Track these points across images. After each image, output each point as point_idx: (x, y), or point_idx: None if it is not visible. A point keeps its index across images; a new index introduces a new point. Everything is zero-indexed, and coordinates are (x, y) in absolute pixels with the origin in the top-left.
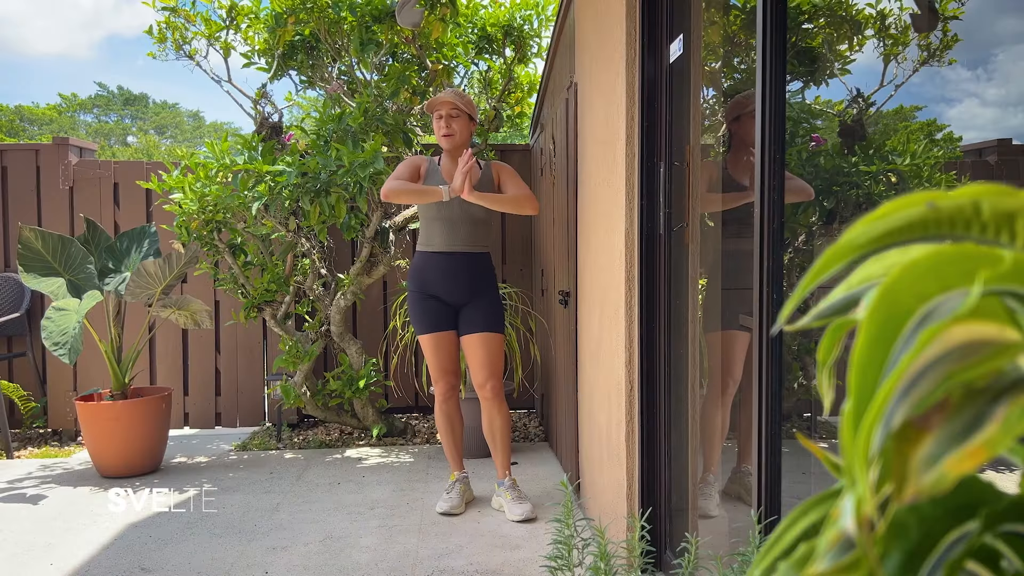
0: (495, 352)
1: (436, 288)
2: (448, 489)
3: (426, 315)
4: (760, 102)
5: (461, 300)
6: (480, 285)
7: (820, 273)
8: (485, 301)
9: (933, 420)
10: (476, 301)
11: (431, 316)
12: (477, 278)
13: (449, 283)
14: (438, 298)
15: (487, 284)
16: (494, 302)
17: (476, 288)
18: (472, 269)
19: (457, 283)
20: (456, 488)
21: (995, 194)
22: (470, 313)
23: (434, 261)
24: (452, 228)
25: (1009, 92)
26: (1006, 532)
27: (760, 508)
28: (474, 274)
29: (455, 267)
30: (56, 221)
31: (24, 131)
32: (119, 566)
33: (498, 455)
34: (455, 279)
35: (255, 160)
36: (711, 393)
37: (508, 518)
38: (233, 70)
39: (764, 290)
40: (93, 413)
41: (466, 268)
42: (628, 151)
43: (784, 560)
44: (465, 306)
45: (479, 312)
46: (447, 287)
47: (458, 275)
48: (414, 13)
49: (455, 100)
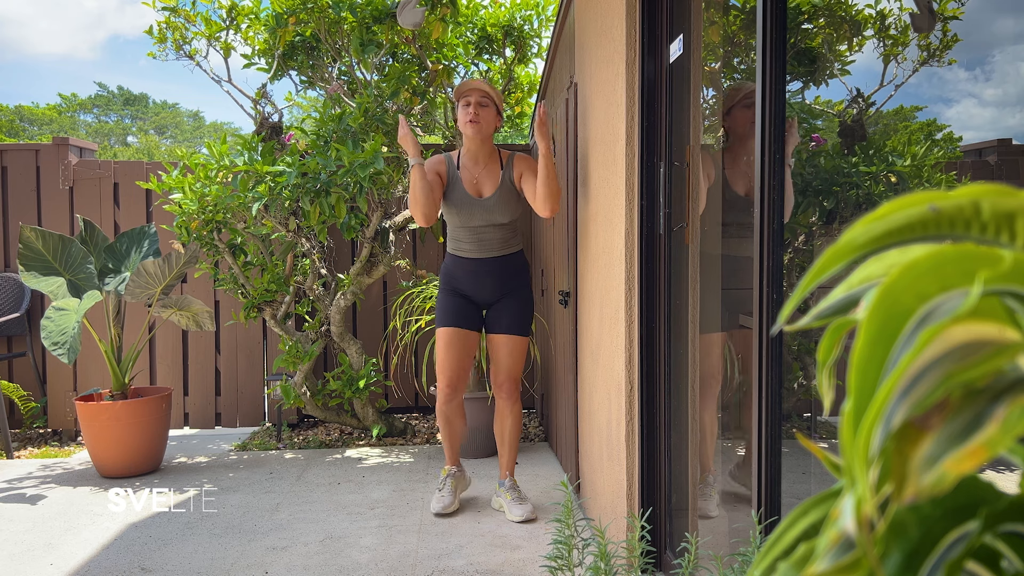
0: (517, 354)
1: (465, 288)
2: (440, 485)
3: (449, 310)
4: (760, 102)
5: (490, 299)
6: (511, 284)
7: (820, 273)
8: (515, 301)
9: (933, 420)
10: (506, 300)
11: (454, 312)
12: (508, 278)
13: (478, 284)
14: (467, 297)
15: (519, 283)
16: (524, 302)
17: (506, 288)
18: (504, 270)
19: (486, 285)
20: (447, 484)
21: (995, 194)
22: (498, 312)
23: (463, 265)
24: (479, 235)
25: (1008, 92)
26: (1006, 532)
27: (760, 508)
28: (506, 274)
29: (484, 272)
30: (56, 221)
31: (24, 131)
32: (119, 566)
33: (505, 455)
34: (484, 281)
35: (255, 161)
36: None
37: (508, 518)
38: (233, 70)
39: (764, 290)
40: (93, 413)
41: (497, 271)
42: (628, 151)
43: (784, 560)
44: (494, 304)
45: (507, 312)
46: (476, 288)
47: (487, 279)
48: (415, 13)
49: (487, 88)
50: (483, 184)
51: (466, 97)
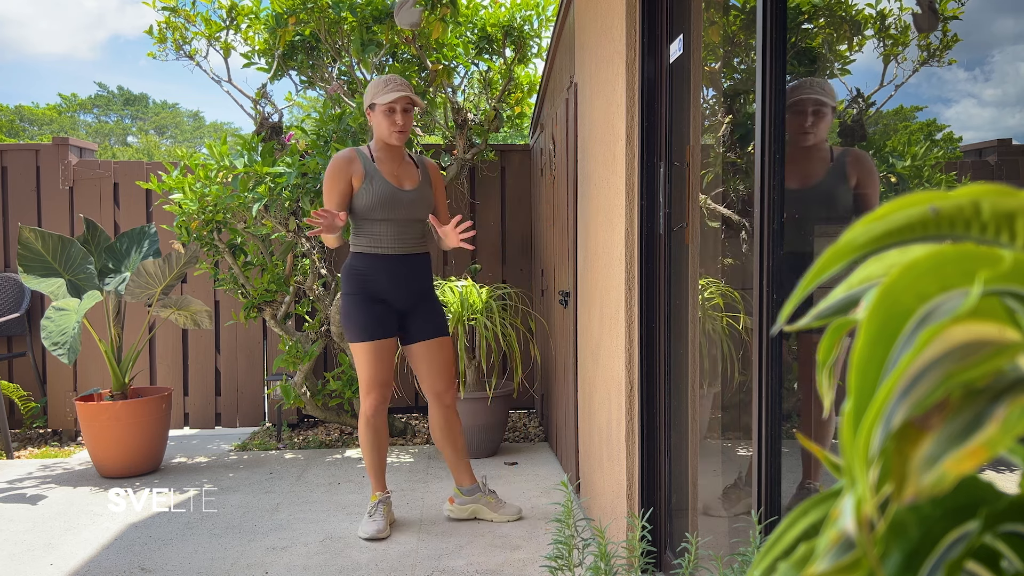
0: (449, 357)
1: (384, 292)
2: (371, 511)
3: (370, 321)
4: (760, 102)
5: (408, 305)
6: (426, 286)
7: (820, 273)
8: (432, 305)
9: (933, 420)
10: (424, 305)
11: (376, 322)
12: (424, 278)
13: (400, 287)
14: (385, 302)
15: (431, 287)
16: (439, 305)
17: (422, 289)
18: (421, 270)
19: (408, 287)
20: (379, 510)
21: (995, 194)
22: (419, 319)
23: (381, 264)
24: (400, 229)
25: (1008, 92)
26: (1006, 532)
27: (760, 508)
28: (422, 275)
29: (405, 270)
30: (56, 221)
31: (24, 131)
32: (119, 566)
33: (461, 461)
34: (405, 282)
35: (255, 161)
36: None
37: (496, 521)
38: (233, 70)
39: (764, 290)
40: (93, 413)
41: (416, 270)
42: (628, 151)
43: (784, 560)
44: (411, 312)
45: (428, 317)
46: (397, 291)
47: (408, 278)
48: (412, 13)
49: (411, 93)
50: (403, 178)
51: (392, 104)
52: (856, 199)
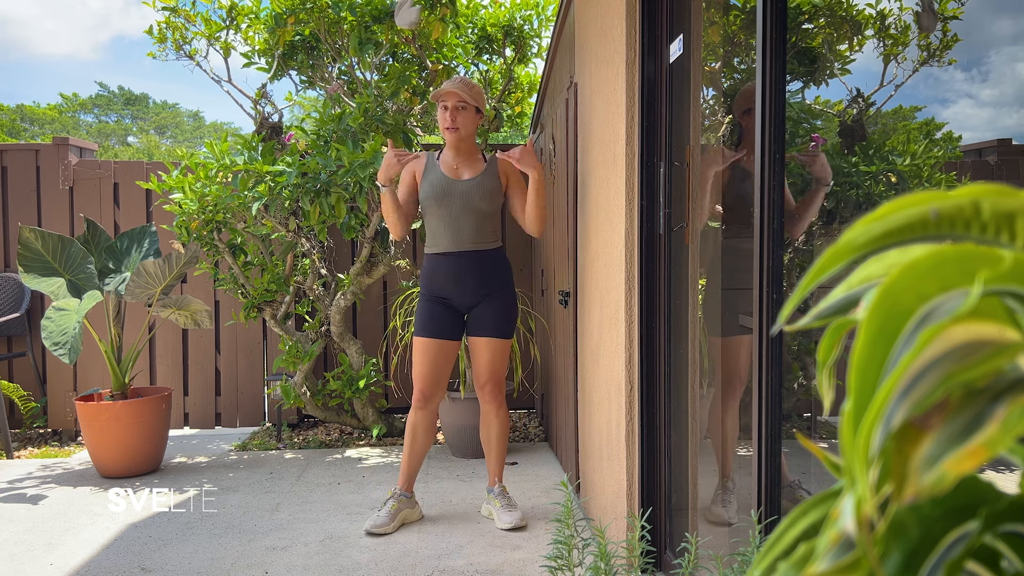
0: (500, 357)
1: (445, 291)
2: (381, 505)
3: (430, 319)
4: (760, 102)
5: (472, 302)
6: (493, 285)
7: (820, 273)
8: (498, 302)
9: (933, 420)
10: (488, 302)
11: (434, 321)
12: (488, 277)
13: (458, 286)
14: (447, 302)
15: (501, 284)
16: (508, 303)
17: (488, 288)
18: (483, 268)
19: (466, 285)
20: (388, 505)
21: (995, 194)
22: (480, 315)
23: (442, 263)
24: (455, 225)
25: (1007, 92)
26: (1006, 532)
27: (760, 508)
28: (485, 274)
29: (463, 268)
30: (56, 221)
31: (25, 131)
32: (119, 566)
33: (492, 461)
34: (464, 281)
35: (255, 160)
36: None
37: (497, 526)
38: (233, 70)
39: (764, 290)
40: (93, 413)
41: (476, 268)
42: (628, 151)
43: (784, 560)
44: (476, 307)
45: (490, 314)
46: (457, 290)
47: (467, 277)
48: (411, 13)
49: (462, 92)
50: (463, 170)
51: (443, 101)
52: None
